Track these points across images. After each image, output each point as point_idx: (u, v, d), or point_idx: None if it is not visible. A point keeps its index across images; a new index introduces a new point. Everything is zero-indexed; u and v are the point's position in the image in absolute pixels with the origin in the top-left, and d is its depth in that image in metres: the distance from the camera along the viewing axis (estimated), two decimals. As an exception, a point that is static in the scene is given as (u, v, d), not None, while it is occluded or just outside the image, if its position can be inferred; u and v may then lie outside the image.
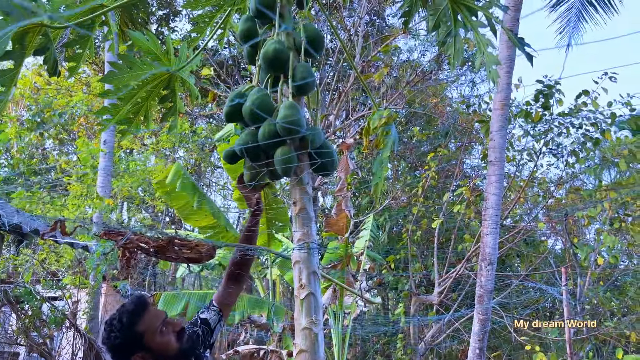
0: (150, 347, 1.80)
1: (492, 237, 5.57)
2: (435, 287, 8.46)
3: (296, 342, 1.86)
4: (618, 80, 7.39)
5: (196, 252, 2.15)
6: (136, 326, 1.80)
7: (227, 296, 2.23)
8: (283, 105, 1.95)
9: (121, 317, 1.81)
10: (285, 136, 1.92)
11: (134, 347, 1.80)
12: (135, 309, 1.83)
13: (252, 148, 2.02)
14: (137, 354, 1.79)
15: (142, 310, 1.84)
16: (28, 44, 2.17)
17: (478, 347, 5.51)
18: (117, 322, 1.81)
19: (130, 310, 1.83)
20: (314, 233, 1.99)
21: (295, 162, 1.97)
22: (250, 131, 2.06)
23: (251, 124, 2.05)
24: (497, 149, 5.78)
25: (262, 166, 2.06)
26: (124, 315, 1.82)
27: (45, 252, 8.96)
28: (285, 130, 1.90)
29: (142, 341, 1.80)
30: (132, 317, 1.81)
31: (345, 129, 9.96)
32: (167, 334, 1.84)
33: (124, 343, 1.79)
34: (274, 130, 1.96)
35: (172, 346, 1.84)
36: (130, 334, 1.79)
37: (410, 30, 10.16)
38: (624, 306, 8.60)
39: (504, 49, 5.96)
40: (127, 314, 1.82)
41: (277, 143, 1.96)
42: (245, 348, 5.19)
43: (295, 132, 1.90)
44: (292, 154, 1.95)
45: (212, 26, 2.60)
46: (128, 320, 1.81)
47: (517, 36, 2.31)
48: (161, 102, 2.50)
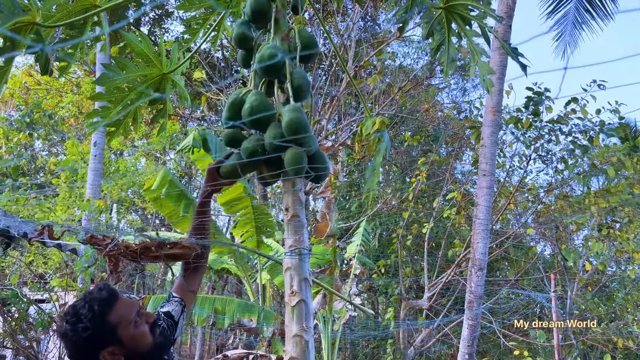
0: (122, 340, 1.56)
1: (483, 243, 5.59)
2: (425, 292, 8.48)
3: (287, 350, 1.85)
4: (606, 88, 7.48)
5: (180, 248, 2.09)
6: (109, 316, 1.56)
7: (188, 283, 2.04)
8: (288, 108, 1.93)
9: (91, 305, 1.55)
10: (293, 140, 1.88)
11: (104, 341, 1.54)
12: (107, 297, 1.59)
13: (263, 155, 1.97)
14: (107, 348, 1.54)
15: (114, 298, 1.60)
16: (19, 42, 2.15)
17: (467, 352, 5.52)
18: (87, 311, 1.54)
19: (102, 297, 1.58)
20: (306, 240, 1.98)
21: (306, 162, 1.92)
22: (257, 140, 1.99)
23: (252, 127, 2.03)
24: (488, 155, 5.81)
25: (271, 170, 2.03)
26: (94, 302, 1.56)
27: (33, 254, 8.87)
28: (294, 133, 1.86)
29: (115, 333, 1.56)
30: (104, 306, 1.56)
31: (337, 133, 9.97)
32: (141, 326, 1.62)
33: (94, 336, 1.52)
34: (280, 134, 1.92)
35: (146, 339, 1.62)
36: (102, 325, 1.54)
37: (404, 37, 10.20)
38: (612, 312, 8.67)
39: (496, 56, 6.00)
40: (98, 302, 1.56)
41: (284, 148, 1.93)
42: (234, 352, 5.16)
43: (304, 135, 1.87)
44: (303, 155, 1.90)
45: (205, 28, 2.59)
46: (100, 309, 1.55)
47: (510, 45, 2.33)
48: (151, 104, 2.48)
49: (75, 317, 1.54)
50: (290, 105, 1.96)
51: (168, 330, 1.88)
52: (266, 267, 6.11)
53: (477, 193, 5.85)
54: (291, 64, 2.12)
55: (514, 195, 8.18)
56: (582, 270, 8.37)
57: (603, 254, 7.65)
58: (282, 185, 2.07)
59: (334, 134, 10.01)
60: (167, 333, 1.85)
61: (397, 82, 10.34)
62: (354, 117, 9.93)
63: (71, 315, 1.55)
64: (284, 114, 1.93)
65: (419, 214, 9.94)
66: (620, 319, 8.42)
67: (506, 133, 8.23)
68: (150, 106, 2.51)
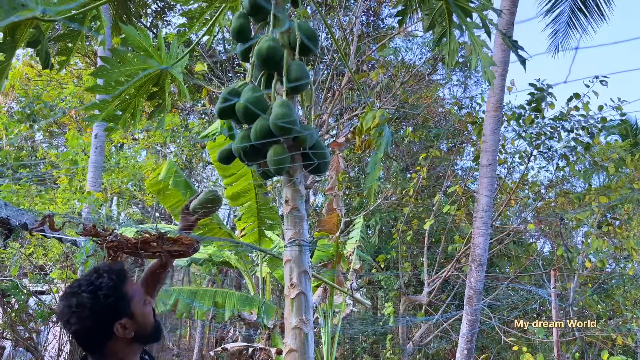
0: (135, 313, 1.57)
1: (483, 239, 5.60)
2: (424, 287, 8.49)
3: (286, 342, 1.85)
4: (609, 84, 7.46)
5: (180, 245, 2.09)
6: (125, 287, 1.57)
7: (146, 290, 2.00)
8: (276, 104, 1.94)
9: (110, 275, 1.55)
10: (279, 135, 1.91)
11: (121, 311, 1.54)
12: (120, 270, 1.61)
13: (247, 148, 2.00)
14: (121, 320, 1.54)
15: (126, 274, 1.63)
16: (19, 37, 2.15)
17: (466, 348, 5.54)
18: (107, 279, 1.53)
19: (117, 270, 1.60)
20: (306, 232, 1.98)
21: (288, 161, 1.96)
22: (246, 133, 2.03)
23: (244, 122, 2.04)
24: (489, 151, 5.81)
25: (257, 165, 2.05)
26: (111, 274, 1.56)
27: (33, 245, 8.88)
28: (279, 129, 1.89)
29: (129, 305, 1.56)
30: (121, 277, 1.58)
31: (338, 128, 9.95)
32: (147, 305, 1.64)
33: (113, 304, 1.51)
34: (266, 126, 1.94)
35: (150, 319, 1.62)
36: (121, 294, 1.54)
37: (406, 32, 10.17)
38: (611, 309, 8.68)
39: (498, 52, 5.98)
40: (116, 273, 1.57)
41: (271, 142, 1.95)
42: (234, 345, 5.18)
43: (289, 131, 1.89)
44: (285, 153, 1.93)
45: (201, 22, 2.57)
46: (118, 279, 1.56)
47: (511, 39, 2.32)
48: (150, 98, 2.47)
49: (93, 286, 1.52)
50: (279, 101, 1.96)
51: None
52: (266, 260, 6.12)
53: (478, 188, 5.85)
54: (290, 57, 2.11)
55: (514, 192, 8.17)
56: (581, 267, 8.37)
57: (603, 251, 7.65)
58: (282, 178, 2.07)
59: (335, 128, 10.00)
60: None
61: (399, 77, 10.32)
62: (356, 111, 9.91)
63: (88, 285, 1.53)
64: (273, 108, 1.93)
65: (419, 209, 9.94)
66: (619, 316, 8.43)
67: (508, 130, 8.23)
68: (148, 101, 2.50)
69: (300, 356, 1.80)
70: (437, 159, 9.75)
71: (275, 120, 1.90)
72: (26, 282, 8.11)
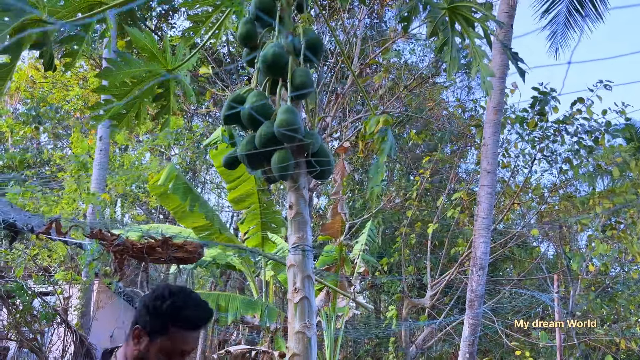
0: (161, 342, 1.58)
1: (484, 243, 5.60)
2: (427, 291, 8.48)
3: (289, 346, 1.86)
4: (613, 89, 7.45)
5: (185, 251, 2.11)
6: (179, 323, 1.59)
7: None
8: (281, 110, 1.96)
9: (180, 294, 1.62)
10: (283, 141, 1.93)
11: (166, 326, 1.58)
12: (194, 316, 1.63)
13: (252, 154, 2.02)
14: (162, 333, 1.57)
15: (196, 326, 1.64)
16: (25, 39, 2.17)
17: (468, 352, 5.53)
18: (180, 294, 1.61)
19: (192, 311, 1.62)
20: (309, 237, 2.00)
21: (292, 166, 1.97)
22: (251, 138, 2.05)
23: (249, 127, 2.06)
24: (490, 155, 5.81)
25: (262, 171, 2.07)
26: (183, 296, 1.62)
27: (38, 247, 8.92)
28: (283, 135, 1.91)
29: (166, 331, 1.58)
30: (184, 315, 1.60)
31: (342, 131, 9.97)
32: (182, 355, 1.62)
33: (167, 315, 1.57)
34: (271, 132, 1.96)
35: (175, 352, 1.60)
36: (178, 315, 1.58)
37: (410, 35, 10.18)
38: (614, 313, 8.65)
39: (497, 55, 5.99)
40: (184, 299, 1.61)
41: (275, 147, 1.97)
42: (237, 348, 5.19)
43: (293, 138, 1.90)
44: (289, 159, 1.95)
45: (207, 26, 2.60)
46: (182, 302, 1.60)
47: (510, 50, 2.33)
48: (155, 100, 2.49)
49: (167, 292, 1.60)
50: (284, 107, 1.98)
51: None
52: (270, 263, 6.13)
53: (479, 192, 5.85)
54: (294, 63, 2.13)
55: (518, 195, 8.17)
56: (585, 271, 8.35)
57: (607, 255, 7.63)
58: (287, 183, 2.09)
59: (339, 131, 10.01)
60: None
61: (402, 80, 10.32)
62: (360, 114, 9.92)
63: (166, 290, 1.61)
64: (277, 114, 1.95)
65: (422, 212, 9.94)
66: (623, 320, 8.40)
67: (511, 133, 8.22)
68: (154, 102, 2.52)
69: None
70: (440, 162, 9.75)
71: (280, 126, 1.92)
72: (31, 284, 8.14)
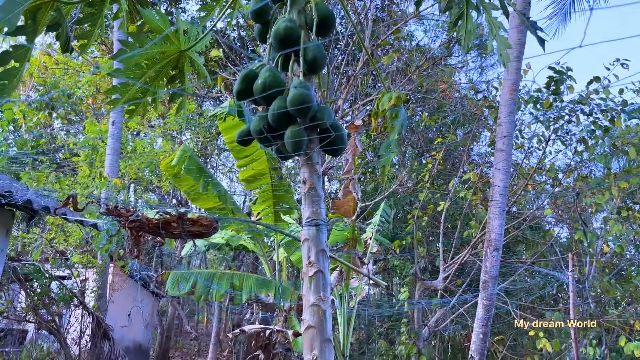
0: None
1: (499, 223, 5.57)
2: (440, 273, 8.48)
3: (304, 318, 1.88)
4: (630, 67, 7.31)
5: (200, 226, 2.13)
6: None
7: None
8: (293, 84, 1.95)
9: None
10: (296, 114, 1.92)
11: None
12: None
13: (265, 128, 2.02)
14: None
15: None
16: (40, 20, 2.18)
17: (482, 332, 5.54)
18: None
19: None
20: (323, 212, 2.00)
21: (306, 141, 1.97)
22: (264, 114, 2.05)
23: (262, 102, 2.06)
24: (505, 135, 5.75)
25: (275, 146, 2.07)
26: None
27: (54, 231, 9.05)
28: (296, 109, 1.90)
29: None
30: None
31: (353, 113, 9.92)
32: None
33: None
34: (284, 107, 1.95)
35: None
36: None
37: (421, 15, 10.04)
38: (629, 295, 8.60)
39: (514, 34, 5.90)
40: None
41: (289, 122, 1.96)
42: (251, 327, 5.25)
43: (306, 110, 1.89)
44: (303, 134, 1.94)
45: (221, 6, 2.58)
46: None
47: (529, 19, 2.28)
48: (169, 82, 2.49)
49: None
50: (296, 81, 1.97)
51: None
52: (282, 244, 6.17)
53: (494, 173, 5.81)
54: (307, 37, 2.11)
55: (531, 177, 8.09)
56: (600, 252, 8.29)
57: (622, 236, 7.56)
58: (300, 158, 2.08)
59: (350, 113, 9.96)
60: None
61: (414, 61, 10.22)
62: (371, 96, 9.86)
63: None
64: (290, 89, 1.94)
65: (434, 195, 9.90)
66: (638, 301, 8.35)
67: (525, 114, 8.12)
68: (168, 84, 2.53)
69: (318, 332, 1.82)
70: (452, 143, 9.68)
71: (292, 101, 1.91)
72: (48, 267, 8.28)
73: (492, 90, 9.86)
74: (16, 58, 2.14)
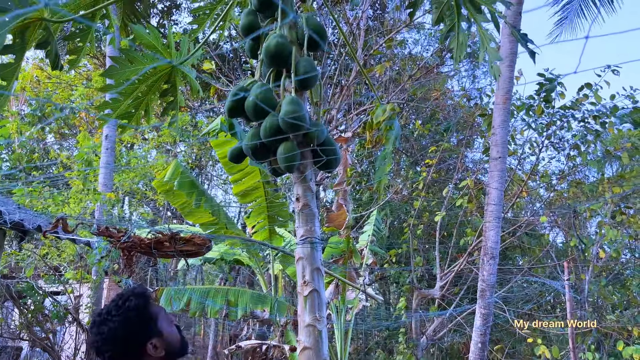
0: (163, 332, 1.60)
1: (494, 232, 5.55)
2: (437, 281, 8.45)
3: (300, 339, 1.85)
4: (621, 75, 7.36)
5: (193, 245, 2.10)
6: (150, 308, 1.61)
7: None
8: (285, 101, 1.93)
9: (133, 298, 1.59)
10: (289, 132, 1.90)
11: (150, 330, 1.58)
12: (143, 292, 1.64)
13: (257, 146, 2.00)
14: (151, 340, 1.57)
15: (148, 296, 1.66)
16: (29, 38, 2.15)
17: (480, 342, 5.51)
18: (134, 302, 1.58)
19: (139, 292, 1.63)
20: (318, 229, 1.97)
21: (299, 158, 1.95)
22: (256, 130, 2.03)
23: (253, 119, 2.04)
24: (499, 143, 5.75)
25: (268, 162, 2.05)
26: (134, 297, 1.60)
27: (47, 247, 8.97)
28: (289, 126, 1.88)
29: (156, 324, 1.60)
30: (145, 299, 1.61)
31: (347, 123, 9.92)
32: (172, 324, 1.67)
33: (142, 323, 1.57)
34: (276, 124, 1.93)
35: (176, 336, 1.65)
36: (148, 314, 1.59)
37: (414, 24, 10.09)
38: (626, 300, 8.59)
39: (506, 43, 5.92)
40: (138, 296, 1.61)
41: (281, 139, 1.94)
42: (247, 343, 5.20)
43: (299, 128, 1.88)
44: (295, 150, 1.92)
45: (212, 18, 2.57)
46: (142, 301, 1.60)
47: (520, 32, 2.28)
48: (162, 96, 2.48)
49: (122, 309, 1.57)
50: (288, 98, 1.95)
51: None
52: (278, 257, 6.13)
53: (489, 181, 5.81)
54: (298, 53, 2.10)
55: (526, 183, 8.10)
56: (595, 257, 8.29)
57: (617, 240, 7.57)
58: (293, 175, 2.06)
59: (344, 123, 9.97)
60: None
61: (406, 70, 10.25)
62: (364, 105, 9.87)
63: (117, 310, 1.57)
64: (282, 105, 1.93)
65: (430, 202, 9.90)
66: (635, 306, 8.34)
67: (517, 120, 8.14)
68: (161, 98, 2.51)
69: (314, 353, 1.79)
70: (446, 151, 9.70)
71: (285, 117, 1.89)
72: (41, 283, 8.19)
73: (484, 98, 9.91)
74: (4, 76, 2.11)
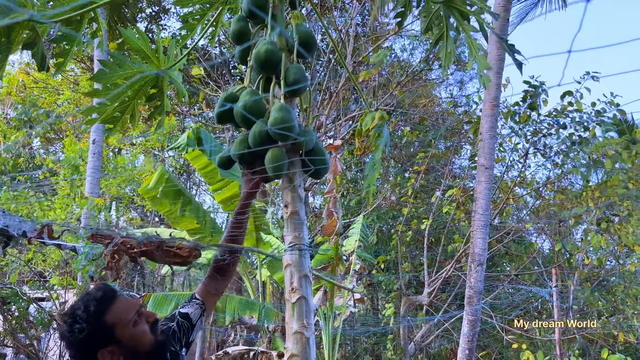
0: (121, 340, 1.56)
1: (482, 239, 5.59)
2: (424, 288, 8.47)
3: (288, 347, 1.84)
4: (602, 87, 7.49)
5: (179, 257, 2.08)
6: (105, 316, 1.56)
7: (212, 287, 2.01)
8: (274, 108, 1.93)
9: (87, 305, 1.55)
10: (278, 139, 1.90)
11: (102, 341, 1.55)
12: (103, 297, 1.58)
13: (247, 153, 1.99)
14: (106, 348, 1.55)
15: (112, 298, 1.60)
16: (15, 39, 2.13)
17: (467, 348, 5.53)
18: (83, 311, 1.54)
19: (98, 298, 1.57)
20: (306, 236, 1.97)
21: (287, 165, 1.95)
22: (245, 137, 2.02)
23: (242, 126, 2.03)
24: (486, 149, 5.81)
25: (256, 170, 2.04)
26: (90, 303, 1.56)
27: (32, 252, 8.84)
28: (277, 134, 1.88)
29: (112, 333, 1.56)
30: (100, 305, 1.56)
31: (336, 129, 9.95)
32: (140, 325, 1.61)
33: (91, 336, 1.53)
34: (265, 131, 1.93)
35: (146, 338, 1.61)
36: (99, 325, 1.54)
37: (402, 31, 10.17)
38: (612, 306, 8.68)
39: (493, 50, 5.99)
40: (94, 303, 1.56)
41: (270, 145, 1.94)
42: (235, 349, 5.16)
43: (288, 136, 1.88)
44: (284, 158, 1.92)
45: (203, 24, 2.57)
46: (96, 309, 1.55)
47: (507, 42, 2.31)
48: (148, 100, 2.46)
49: (72, 317, 1.55)
50: (277, 105, 1.95)
51: (180, 332, 1.89)
52: (265, 263, 6.11)
53: (476, 188, 5.85)
54: (288, 60, 2.11)
55: (512, 190, 8.17)
56: (581, 264, 8.38)
57: (602, 247, 7.66)
58: (281, 181, 2.06)
59: (333, 129, 9.99)
60: (179, 335, 1.87)
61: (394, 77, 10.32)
62: (354, 112, 9.91)
63: (69, 317, 1.56)
64: (271, 112, 1.93)
65: (418, 209, 9.94)
66: (620, 313, 8.43)
67: (504, 127, 8.23)
68: (147, 103, 2.50)
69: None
70: (434, 157, 9.76)
71: (273, 124, 1.89)
72: (26, 289, 8.07)
73: (472, 105, 10.00)
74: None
